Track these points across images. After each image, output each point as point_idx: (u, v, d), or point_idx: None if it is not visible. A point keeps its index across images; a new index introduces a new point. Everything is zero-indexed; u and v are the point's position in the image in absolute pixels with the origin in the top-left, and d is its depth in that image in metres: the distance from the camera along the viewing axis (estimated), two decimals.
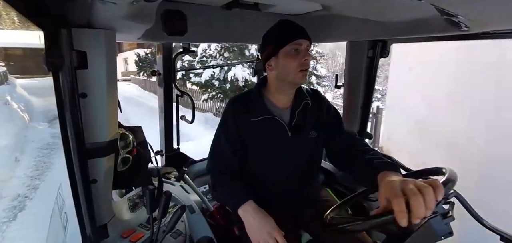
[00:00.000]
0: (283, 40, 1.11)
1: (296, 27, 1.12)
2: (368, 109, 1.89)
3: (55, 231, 1.33)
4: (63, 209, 1.27)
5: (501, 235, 0.93)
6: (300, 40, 1.10)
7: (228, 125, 1.21)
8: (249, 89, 1.32)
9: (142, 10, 0.80)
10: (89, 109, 0.87)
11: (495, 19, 0.81)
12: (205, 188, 2.01)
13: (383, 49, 1.71)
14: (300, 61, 1.10)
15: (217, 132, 1.26)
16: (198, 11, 1.31)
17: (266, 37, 1.20)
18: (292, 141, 1.20)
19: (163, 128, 1.99)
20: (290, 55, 1.10)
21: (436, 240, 0.84)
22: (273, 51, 1.14)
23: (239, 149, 1.22)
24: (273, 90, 1.22)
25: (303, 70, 1.12)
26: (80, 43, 0.80)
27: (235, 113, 1.21)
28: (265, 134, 1.20)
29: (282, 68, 1.13)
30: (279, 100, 1.22)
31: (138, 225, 1.15)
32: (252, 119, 1.18)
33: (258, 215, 1.08)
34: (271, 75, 1.19)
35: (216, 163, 1.26)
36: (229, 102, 1.26)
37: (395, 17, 1.17)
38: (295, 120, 1.21)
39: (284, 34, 1.12)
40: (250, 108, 1.20)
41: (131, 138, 1.10)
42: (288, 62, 1.11)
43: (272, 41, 1.15)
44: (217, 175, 1.26)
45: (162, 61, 1.77)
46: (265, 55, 1.18)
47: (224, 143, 1.22)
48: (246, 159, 1.24)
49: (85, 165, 0.89)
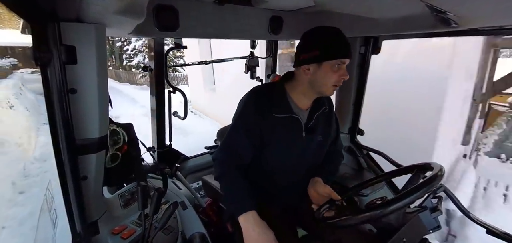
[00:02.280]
0: (333, 53, 1.08)
1: (345, 44, 1.09)
2: (360, 106, 1.91)
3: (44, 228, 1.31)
4: (53, 206, 1.26)
5: (487, 228, 0.95)
6: (346, 58, 1.09)
7: (250, 117, 1.16)
8: (271, 83, 1.30)
9: (133, 4, 0.79)
10: (79, 105, 0.86)
11: (483, 16, 0.83)
12: (198, 184, 2.01)
13: (375, 46, 1.73)
14: (339, 78, 1.10)
15: (235, 123, 1.20)
16: (191, 6, 1.29)
17: (312, 39, 1.12)
18: (304, 141, 1.21)
19: (155, 124, 1.98)
20: (333, 70, 1.09)
21: (424, 233, 0.86)
22: (317, 58, 1.09)
23: (257, 144, 1.18)
24: (299, 91, 1.19)
25: (336, 86, 1.13)
26: (69, 37, 0.78)
27: (257, 107, 1.16)
28: (284, 131, 1.18)
29: (320, 78, 1.11)
30: (301, 101, 1.21)
31: (130, 221, 1.15)
32: (276, 115, 1.15)
33: (259, 228, 1.05)
34: (304, 78, 1.15)
35: (227, 155, 1.19)
36: (251, 94, 1.20)
37: (387, 14, 1.18)
38: (312, 122, 1.22)
39: (335, 48, 1.08)
40: (273, 102, 1.17)
41: (121, 134, 1.09)
42: (329, 76, 1.09)
43: (320, 48, 1.09)
44: (225, 167, 1.18)
45: (153, 57, 1.75)
46: (306, 57, 1.12)
47: (242, 135, 1.16)
48: (260, 152, 1.21)
49: (75, 161, 0.88)
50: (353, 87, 1.86)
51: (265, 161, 1.22)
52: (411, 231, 0.86)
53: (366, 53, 1.74)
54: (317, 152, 1.28)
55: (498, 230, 0.94)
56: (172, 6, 1.22)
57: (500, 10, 0.75)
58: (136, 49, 17.06)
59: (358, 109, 1.92)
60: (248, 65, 2.07)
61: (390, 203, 0.82)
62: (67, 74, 0.80)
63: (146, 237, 0.94)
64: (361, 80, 1.84)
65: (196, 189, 1.95)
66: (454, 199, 0.95)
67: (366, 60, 1.77)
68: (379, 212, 0.83)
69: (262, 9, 1.50)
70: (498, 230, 0.94)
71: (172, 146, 2.09)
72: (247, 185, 1.15)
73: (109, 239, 1.04)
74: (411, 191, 0.82)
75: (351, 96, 1.89)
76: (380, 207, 0.83)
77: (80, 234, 0.95)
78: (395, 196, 0.84)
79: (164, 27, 1.23)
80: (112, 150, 1.05)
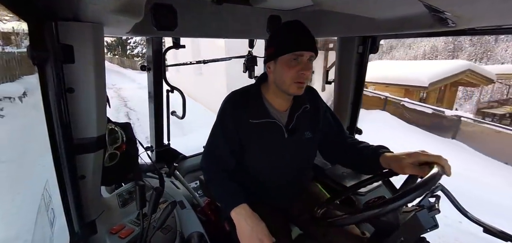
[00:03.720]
0: (284, 48, 1.04)
1: (302, 36, 1.04)
2: (358, 105, 1.91)
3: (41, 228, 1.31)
4: (50, 205, 1.25)
5: (485, 227, 0.96)
6: (301, 51, 1.03)
7: (226, 123, 1.16)
8: (248, 86, 1.25)
9: (131, 3, 0.78)
10: (77, 104, 0.85)
11: (480, 15, 0.83)
12: (196, 183, 2.01)
13: (373, 45, 1.73)
14: (297, 73, 1.04)
15: (214, 129, 1.21)
16: (189, 5, 1.29)
17: (271, 36, 1.13)
18: (288, 142, 1.18)
19: (153, 123, 1.97)
20: (288, 65, 1.04)
21: (422, 232, 0.86)
22: (273, 54, 1.08)
23: (237, 149, 1.19)
24: (271, 92, 1.18)
25: (298, 83, 1.06)
26: (66, 36, 0.78)
27: (233, 112, 1.15)
28: (262, 135, 1.16)
29: (278, 75, 1.08)
30: (276, 103, 1.18)
31: (128, 221, 1.15)
32: (251, 121, 1.14)
33: (251, 220, 1.05)
34: (270, 77, 1.15)
35: (212, 161, 1.21)
36: (227, 100, 1.19)
37: (385, 13, 1.18)
38: (293, 124, 1.19)
39: (287, 41, 1.04)
40: (249, 108, 1.15)
41: (119, 133, 1.09)
42: (285, 71, 1.05)
43: (274, 44, 1.08)
44: (211, 173, 1.21)
45: (152, 56, 1.75)
46: (266, 55, 1.13)
47: (221, 141, 1.17)
48: (242, 157, 1.22)
49: (73, 160, 0.88)
50: (351, 87, 1.86)
51: (249, 165, 1.22)
52: (409, 230, 0.87)
53: (364, 52, 1.75)
54: (307, 149, 1.26)
55: (495, 229, 0.94)
56: (170, 5, 1.22)
57: (498, 10, 0.75)
58: (137, 42, 24.74)
59: (356, 109, 1.92)
60: (246, 64, 2.06)
61: (388, 202, 0.83)
62: (65, 73, 0.80)
63: (145, 236, 0.94)
64: (359, 80, 1.84)
65: (195, 188, 1.94)
66: (451, 198, 0.95)
67: (364, 59, 1.77)
68: (377, 211, 0.83)
69: (260, 8, 1.50)
70: (495, 229, 0.94)
71: (170, 145, 2.09)
72: (235, 184, 1.16)
73: (107, 239, 1.04)
74: (409, 191, 0.82)
75: (349, 95, 1.89)
76: (378, 207, 0.84)
77: (78, 233, 0.95)
78: (393, 195, 0.84)
79: (162, 27, 1.23)
80: (111, 149, 1.05)
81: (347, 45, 1.78)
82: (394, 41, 24.06)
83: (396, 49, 26.11)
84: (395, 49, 26.12)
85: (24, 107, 7.70)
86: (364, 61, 1.78)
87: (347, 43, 1.78)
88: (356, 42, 1.72)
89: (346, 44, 1.79)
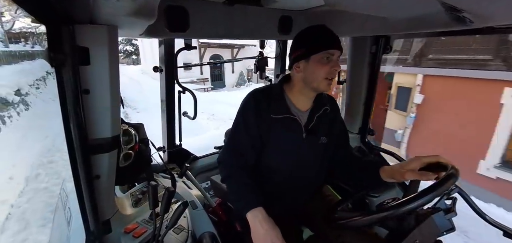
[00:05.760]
0: (317, 46, 1.09)
1: (331, 36, 1.11)
2: (370, 105, 1.88)
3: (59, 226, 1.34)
4: (67, 204, 1.28)
5: (505, 231, 0.93)
6: (333, 50, 1.09)
7: (249, 118, 1.18)
8: (271, 85, 1.30)
9: (145, 6, 0.80)
10: (92, 105, 0.87)
11: (501, 13, 0.80)
12: (207, 184, 2.02)
13: (386, 45, 1.70)
14: (329, 70, 1.10)
15: (236, 124, 1.23)
16: (200, 7, 1.30)
17: (299, 38, 1.17)
18: (305, 142, 1.20)
19: (165, 124, 1.99)
20: (321, 63, 1.09)
21: (438, 235, 0.84)
22: (304, 54, 1.12)
23: (258, 145, 1.20)
24: (296, 91, 1.21)
25: (329, 79, 1.12)
26: (82, 39, 0.80)
27: (256, 108, 1.18)
28: (283, 132, 1.19)
29: (310, 73, 1.12)
30: (300, 102, 1.22)
31: (141, 220, 1.16)
32: (273, 116, 1.17)
33: (266, 224, 1.06)
34: (297, 77, 1.18)
35: (232, 155, 1.22)
36: (251, 96, 1.22)
37: (399, 12, 1.16)
38: (313, 124, 1.21)
39: (319, 41, 1.10)
40: (271, 104, 1.18)
41: (133, 134, 1.10)
42: (318, 69, 1.10)
43: (305, 45, 1.13)
44: (229, 168, 1.21)
45: (164, 57, 1.76)
46: (295, 56, 1.16)
47: (244, 136, 1.19)
48: (258, 157, 1.23)
49: (88, 160, 0.90)
50: (363, 87, 1.84)
51: (267, 162, 1.23)
52: (424, 233, 0.85)
53: (377, 52, 1.72)
54: (322, 154, 1.27)
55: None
56: (182, 7, 1.23)
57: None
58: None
59: (369, 109, 1.90)
60: (257, 65, 2.06)
61: (402, 204, 0.81)
62: (81, 75, 0.82)
63: (157, 236, 0.95)
64: (371, 80, 1.81)
65: (206, 188, 1.96)
66: (469, 201, 0.93)
67: (377, 59, 1.74)
68: (391, 213, 0.81)
69: (271, 9, 1.50)
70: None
71: (182, 146, 2.11)
72: (253, 183, 1.16)
73: (122, 238, 1.06)
74: (424, 192, 0.80)
75: (362, 96, 1.86)
76: (392, 208, 0.82)
77: (94, 232, 0.97)
78: (408, 197, 0.83)
79: (175, 28, 1.24)
80: (126, 149, 1.07)
81: (359, 45, 1.76)
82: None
83: None
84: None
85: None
86: (377, 61, 1.75)
87: (360, 43, 1.75)
88: (369, 42, 1.70)
89: (358, 44, 1.77)
